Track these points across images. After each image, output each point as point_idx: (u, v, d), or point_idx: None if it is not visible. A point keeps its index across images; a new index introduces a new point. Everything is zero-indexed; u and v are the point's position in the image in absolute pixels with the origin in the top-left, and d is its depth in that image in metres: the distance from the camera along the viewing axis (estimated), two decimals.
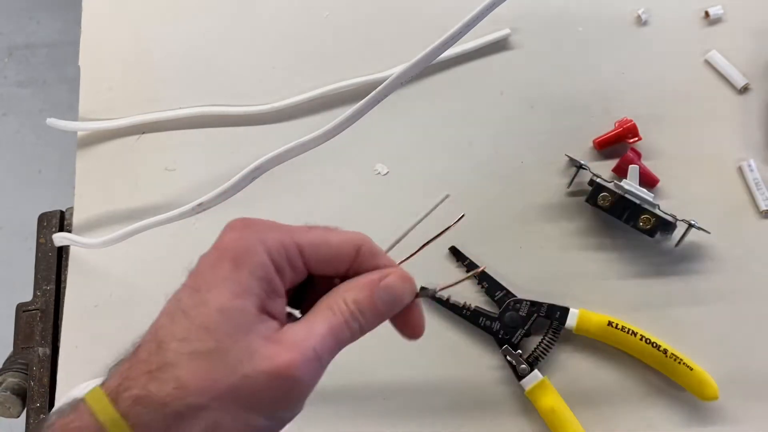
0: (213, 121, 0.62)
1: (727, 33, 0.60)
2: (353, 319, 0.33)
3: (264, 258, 0.31)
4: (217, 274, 0.31)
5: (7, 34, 1.74)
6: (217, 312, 0.30)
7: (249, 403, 0.30)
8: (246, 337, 0.30)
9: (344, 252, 0.34)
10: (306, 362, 0.30)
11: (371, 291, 0.33)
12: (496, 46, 0.62)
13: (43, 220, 0.63)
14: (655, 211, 0.53)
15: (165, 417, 0.29)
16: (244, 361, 0.29)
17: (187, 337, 0.30)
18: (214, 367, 0.29)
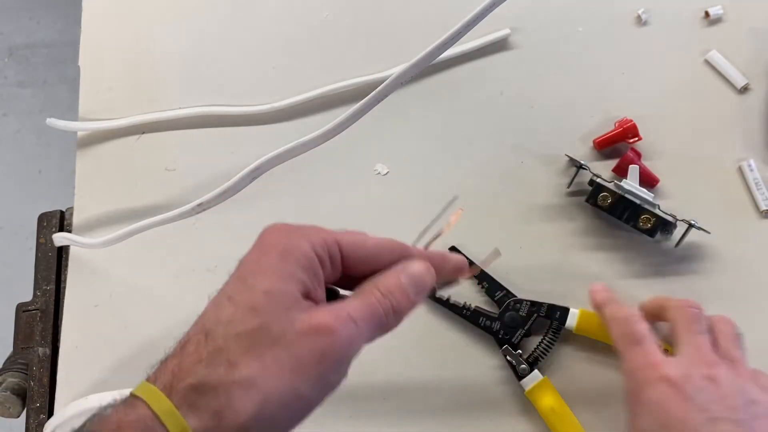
0: (213, 121, 0.62)
1: (727, 33, 0.60)
2: (384, 298, 0.35)
3: (309, 250, 0.34)
4: (263, 264, 0.33)
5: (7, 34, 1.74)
6: (263, 294, 0.32)
7: (293, 368, 0.31)
8: (289, 313, 0.32)
9: (381, 252, 0.37)
10: (341, 320, 0.32)
11: (397, 277, 0.36)
12: (496, 46, 0.62)
13: (43, 220, 0.63)
14: (655, 211, 0.53)
15: (218, 397, 0.29)
16: (287, 331, 0.31)
17: (233, 319, 0.31)
18: (261, 342, 0.31)
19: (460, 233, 0.57)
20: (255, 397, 0.30)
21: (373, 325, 0.34)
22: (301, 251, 0.33)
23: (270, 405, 0.30)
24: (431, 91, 0.61)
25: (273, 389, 0.30)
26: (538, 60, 0.61)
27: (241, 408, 0.30)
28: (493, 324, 0.53)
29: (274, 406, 0.30)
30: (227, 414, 0.29)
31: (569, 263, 0.56)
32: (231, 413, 0.29)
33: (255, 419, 0.30)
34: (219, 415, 0.29)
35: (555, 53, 0.61)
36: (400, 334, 0.56)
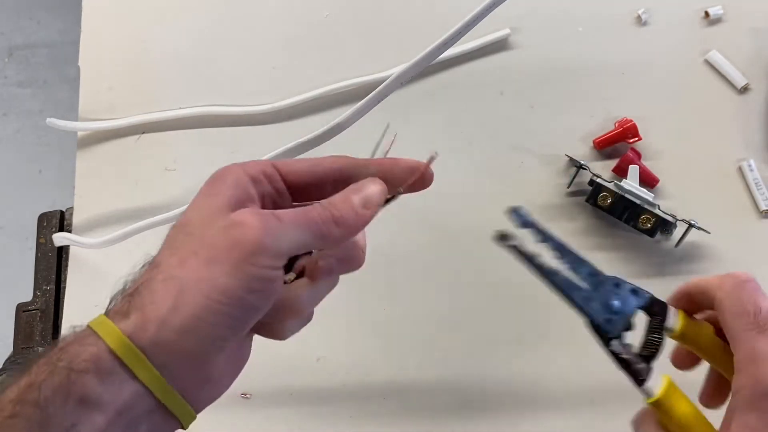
0: (213, 121, 0.62)
1: (727, 33, 0.60)
2: (324, 208, 0.34)
3: (240, 173, 0.35)
4: (200, 190, 0.35)
5: (7, 34, 1.74)
6: (190, 209, 0.35)
7: (208, 258, 0.32)
8: (212, 216, 0.33)
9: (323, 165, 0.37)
10: (260, 214, 0.32)
11: (344, 192, 0.35)
12: (496, 46, 0.62)
13: (43, 220, 0.63)
14: (655, 211, 0.53)
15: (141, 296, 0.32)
16: (206, 228, 0.33)
17: (169, 237, 0.35)
18: (181, 241, 0.33)
19: (459, 232, 0.57)
20: (172, 288, 0.31)
21: (304, 226, 0.33)
22: (231, 174, 0.35)
23: (188, 295, 0.31)
24: (431, 91, 0.61)
25: (189, 278, 0.31)
26: (538, 60, 0.61)
27: (161, 300, 0.31)
28: (590, 305, 0.39)
29: (193, 295, 0.31)
30: (149, 309, 0.31)
31: None
32: (152, 307, 0.31)
33: (174, 310, 0.31)
34: (143, 312, 0.31)
35: (555, 53, 0.61)
36: (401, 334, 0.57)
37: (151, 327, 0.31)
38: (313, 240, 0.34)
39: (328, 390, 0.55)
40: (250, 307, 0.32)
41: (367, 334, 0.56)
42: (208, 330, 0.31)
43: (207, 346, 0.32)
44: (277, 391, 0.55)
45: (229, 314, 0.31)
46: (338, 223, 0.34)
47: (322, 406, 0.54)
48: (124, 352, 0.30)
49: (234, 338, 0.33)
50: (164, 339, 0.31)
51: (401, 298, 0.56)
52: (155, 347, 0.31)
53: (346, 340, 0.56)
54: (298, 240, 0.33)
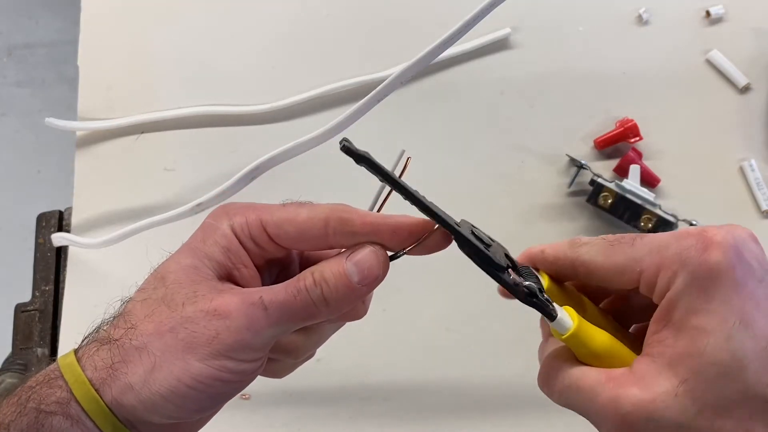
0: (212, 121, 0.62)
1: (728, 32, 0.60)
2: (315, 285, 0.32)
3: (227, 230, 0.33)
4: (186, 244, 0.34)
5: (6, 34, 1.74)
6: (174, 264, 0.33)
7: (186, 343, 0.30)
8: (196, 285, 0.32)
9: (311, 228, 0.33)
10: (246, 305, 0.31)
11: (340, 263, 0.33)
12: (496, 45, 0.62)
13: (41, 220, 0.63)
14: (656, 211, 0.53)
15: (112, 353, 0.31)
16: (186, 304, 0.31)
17: (146, 287, 0.33)
18: (160, 310, 0.31)
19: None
20: (146, 361, 0.31)
21: (292, 313, 0.32)
22: (221, 232, 0.33)
23: (160, 372, 0.30)
24: (431, 90, 0.61)
25: (163, 355, 0.30)
26: (539, 59, 0.61)
27: (132, 369, 0.31)
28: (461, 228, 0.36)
29: (164, 375, 0.30)
30: (120, 373, 0.31)
31: None
32: (123, 372, 0.31)
33: (145, 384, 0.30)
34: (113, 371, 0.31)
35: (555, 53, 0.61)
36: (400, 333, 0.56)
37: (118, 390, 0.31)
38: (302, 323, 0.33)
39: (328, 390, 0.54)
40: (220, 395, 0.32)
41: (367, 335, 0.56)
42: (173, 410, 0.31)
43: (171, 421, 0.32)
44: (277, 392, 0.55)
45: (198, 399, 0.31)
46: (330, 303, 0.32)
47: (322, 407, 0.54)
48: (89, 406, 0.30)
49: (203, 415, 0.33)
50: (129, 405, 0.31)
51: (401, 298, 0.56)
52: (120, 408, 0.31)
53: (346, 341, 0.55)
54: (283, 330, 0.32)
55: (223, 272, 0.33)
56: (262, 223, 0.34)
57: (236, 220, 0.34)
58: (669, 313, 0.29)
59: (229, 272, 0.33)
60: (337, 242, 0.34)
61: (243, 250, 0.34)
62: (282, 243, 0.34)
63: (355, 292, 0.32)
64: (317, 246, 0.34)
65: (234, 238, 0.33)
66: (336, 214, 0.34)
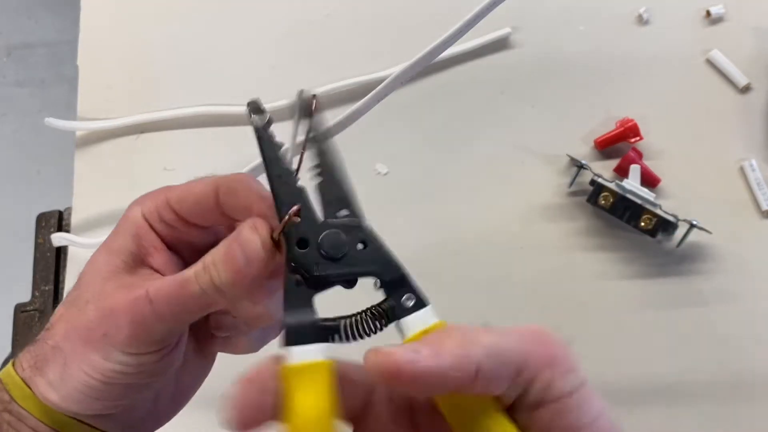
0: (212, 121, 0.62)
1: (728, 32, 0.60)
2: (204, 272, 0.30)
3: (137, 217, 0.34)
4: (104, 242, 0.34)
5: (5, 34, 1.74)
6: (89, 265, 0.34)
7: (86, 341, 0.31)
8: (105, 283, 0.32)
9: (204, 198, 0.32)
10: (130, 301, 0.31)
11: (229, 245, 0.30)
12: (497, 45, 0.62)
13: (41, 220, 0.63)
14: (656, 211, 0.53)
15: (35, 356, 0.33)
16: (90, 303, 0.32)
17: (69, 291, 0.34)
18: (71, 312, 0.33)
19: (459, 232, 0.57)
20: (59, 359, 0.32)
21: (181, 304, 0.31)
22: (131, 220, 0.34)
23: (70, 369, 0.32)
24: (431, 90, 0.61)
25: (70, 354, 0.32)
26: (539, 59, 0.61)
27: (51, 368, 0.32)
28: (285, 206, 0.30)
29: (75, 371, 0.32)
30: (40, 368, 0.32)
31: (570, 263, 0.56)
32: (42, 369, 0.32)
33: (62, 381, 0.32)
34: (35, 369, 0.33)
35: (556, 52, 0.61)
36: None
37: (42, 387, 0.32)
38: (198, 314, 0.32)
39: None
40: (133, 385, 0.32)
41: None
42: (91, 402, 0.32)
43: (96, 411, 0.33)
44: None
45: (110, 391, 0.32)
46: (222, 289, 0.30)
47: None
48: (26, 403, 0.32)
49: (128, 402, 0.33)
50: (54, 401, 0.32)
51: None
52: (52, 405, 0.32)
53: None
54: (175, 323, 0.32)
55: (137, 260, 0.33)
56: (168, 201, 0.33)
57: (146, 205, 0.34)
58: None
59: (141, 259, 0.33)
60: (230, 213, 0.32)
61: (152, 233, 0.34)
62: (186, 217, 0.33)
63: (246, 275, 0.30)
64: (217, 219, 0.33)
65: (143, 223, 0.34)
66: (225, 183, 0.32)
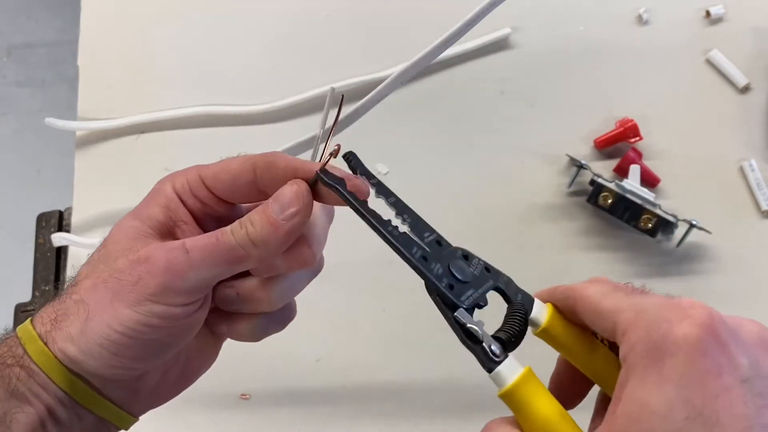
0: (213, 121, 0.62)
1: (728, 32, 0.60)
2: (240, 227, 0.33)
3: (167, 190, 0.35)
4: (131, 210, 0.36)
5: (5, 34, 1.74)
6: (116, 228, 0.34)
7: (114, 291, 0.32)
8: (134, 242, 0.33)
9: (242, 173, 0.34)
10: (167, 250, 0.32)
11: (265, 204, 0.33)
12: (497, 45, 0.62)
13: (41, 220, 0.63)
14: (656, 211, 0.53)
15: (56, 308, 0.33)
16: (119, 258, 0.33)
17: (93, 253, 0.35)
18: (97, 268, 0.33)
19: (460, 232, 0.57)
20: (82, 312, 0.32)
21: (216, 255, 0.32)
22: (162, 192, 0.35)
23: (93, 322, 0.32)
24: (431, 90, 0.61)
25: (95, 305, 0.32)
26: (539, 59, 0.61)
27: (72, 321, 0.32)
28: (433, 265, 0.34)
29: (97, 323, 0.32)
30: (61, 322, 0.32)
31: (570, 263, 0.56)
32: (66, 324, 0.32)
33: (82, 333, 0.32)
34: (56, 322, 0.32)
35: (556, 52, 0.61)
36: (400, 334, 0.56)
37: (60, 341, 0.32)
38: (230, 267, 0.33)
39: (328, 390, 0.54)
40: (153, 342, 0.33)
41: (367, 334, 0.56)
42: (110, 358, 0.32)
43: (112, 371, 0.33)
44: (276, 392, 0.55)
45: (131, 346, 0.32)
46: (256, 243, 0.32)
47: (322, 407, 0.54)
48: (40, 358, 0.32)
49: (145, 365, 0.33)
50: (72, 355, 0.32)
51: (401, 298, 0.56)
52: (66, 359, 0.32)
53: (346, 341, 0.55)
54: (209, 274, 0.33)
55: (165, 230, 0.34)
56: (201, 177, 0.35)
57: (178, 180, 0.35)
58: (622, 380, 0.26)
59: (170, 230, 0.35)
60: (265, 187, 0.34)
61: (183, 207, 0.35)
62: (219, 194, 0.35)
63: (278, 228, 0.32)
64: (250, 195, 0.35)
65: (174, 196, 0.35)
66: (263, 158, 0.34)
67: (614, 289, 0.30)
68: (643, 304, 0.28)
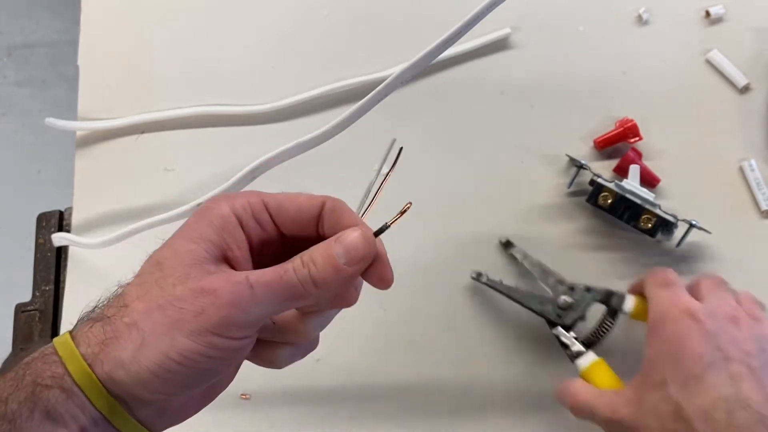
0: (213, 121, 0.62)
1: (727, 32, 0.60)
2: (303, 266, 0.33)
3: (225, 210, 0.34)
4: (181, 229, 0.35)
5: (6, 34, 1.74)
6: (169, 250, 0.34)
7: (174, 320, 0.31)
8: (190, 269, 0.33)
9: (309, 208, 0.35)
10: (232, 283, 0.32)
11: (328, 245, 0.34)
12: (497, 45, 0.62)
13: (42, 220, 0.63)
14: (655, 211, 0.53)
15: (105, 330, 0.32)
16: (177, 285, 0.32)
17: (142, 272, 0.34)
18: (152, 292, 0.33)
19: (460, 231, 0.57)
20: (135, 337, 0.32)
21: (279, 292, 0.33)
22: (217, 212, 0.34)
23: (148, 349, 0.31)
24: (431, 91, 0.61)
25: (151, 332, 0.31)
26: (539, 59, 0.61)
27: (122, 345, 0.32)
28: (546, 307, 0.51)
29: (152, 351, 0.31)
30: (111, 349, 0.32)
31: (570, 263, 0.56)
32: (114, 348, 0.32)
33: (133, 359, 0.31)
34: (106, 347, 0.32)
35: (555, 53, 0.61)
36: (400, 334, 0.56)
37: (109, 365, 0.32)
38: (289, 304, 0.33)
39: (328, 390, 0.54)
40: (207, 371, 0.33)
41: (367, 335, 0.56)
42: (160, 385, 0.32)
43: (155, 395, 0.32)
44: (277, 392, 0.55)
45: (184, 374, 0.32)
46: (317, 284, 0.33)
47: (322, 407, 0.54)
48: (82, 380, 0.31)
49: (189, 391, 0.33)
50: (120, 380, 0.32)
51: (401, 298, 0.56)
52: (111, 382, 0.32)
53: (346, 341, 0.55)
54: (270, 310, 0.33)
55: (218, 252, 0.34)
56: (264, 203, 0.35)
57: (238, 202, 0.35)
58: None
59: (223, 253, 0.34)
60: (325, 229, 0.35)
61: (240, 230, 0.35)
62: (281, 222, 0.36)
63: (341, 272, 0.33)
64: (310, 230, 0.36)
65: (231, 218, 0.34)
66: (331, 201, 0.36)
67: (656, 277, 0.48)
68: (660, 297, 0.46)
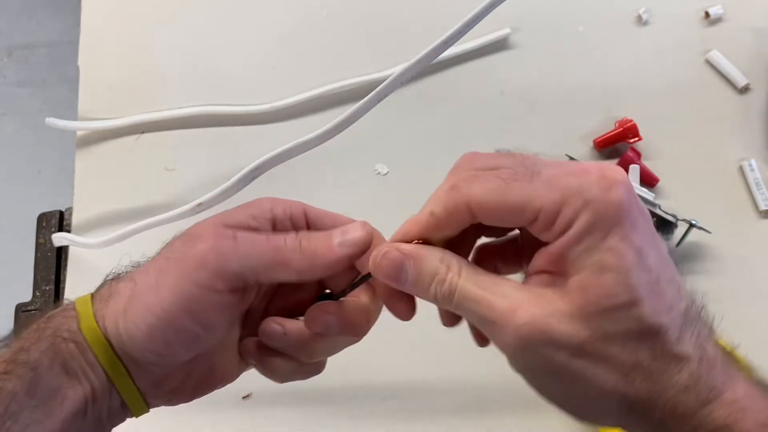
0: (213, 121, 0.62)
1: (727, 33, 0.60)
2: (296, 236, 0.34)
3: (265, 206, 0.35)
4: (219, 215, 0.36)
5: (6, 34, 1.74)
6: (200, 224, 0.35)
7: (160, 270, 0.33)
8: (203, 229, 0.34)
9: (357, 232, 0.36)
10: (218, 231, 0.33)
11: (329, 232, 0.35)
12: (496, 45, 0.62)
13: (42, 220, 0.63)
14: (655, 211, 0.53)
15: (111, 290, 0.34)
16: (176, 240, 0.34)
17: None
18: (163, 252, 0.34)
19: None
20: (128, 291, 0.33)
21: (261, 251, 0.33)
22: (257, 205, 0.35)
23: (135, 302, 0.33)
24: (431, 91, 0.61)
25: (141, 285, 0.33)
26: (539, 60, 0.61)
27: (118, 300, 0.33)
28: None
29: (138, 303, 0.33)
30: (112, 300, 0.34)
31: None
32: (113, 301, 0.34)
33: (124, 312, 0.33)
34: (107, 300, 0.34)
35: (555, 53, 0.61)
36: (400, 333, 0.56)
37: (108, 320, 0.33)
38: (271, 265, 0.33)
39: (328, 390, 0.54)
40: (185, 330, 0.33)
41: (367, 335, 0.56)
42: (145, 341, 0.32)
43: (146, 356, 0.33)
44: (277, 391, 0.55)
45: (164, 331, 0.32)
46: (305, 252, 0.34)
47: (322, 406, 0.54)
48: (90, 335, 0.33)
49: (174, 354, 0.34)
50: (114, 334, 0.33)
51: None
52: (110, 337, 0.33)
53: None
54: (251, 263, 0.33)
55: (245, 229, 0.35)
56: (305, 212, 0.37)
57: (280, 204, 0.36)
58: (568, 248, 0.29)
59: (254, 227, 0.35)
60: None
61: (270, 226, 0.35)
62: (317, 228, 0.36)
63: (331, 251, 0.34)
64: None
65: (269, 213, 0.35)
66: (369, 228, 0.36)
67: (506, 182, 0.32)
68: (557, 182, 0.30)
